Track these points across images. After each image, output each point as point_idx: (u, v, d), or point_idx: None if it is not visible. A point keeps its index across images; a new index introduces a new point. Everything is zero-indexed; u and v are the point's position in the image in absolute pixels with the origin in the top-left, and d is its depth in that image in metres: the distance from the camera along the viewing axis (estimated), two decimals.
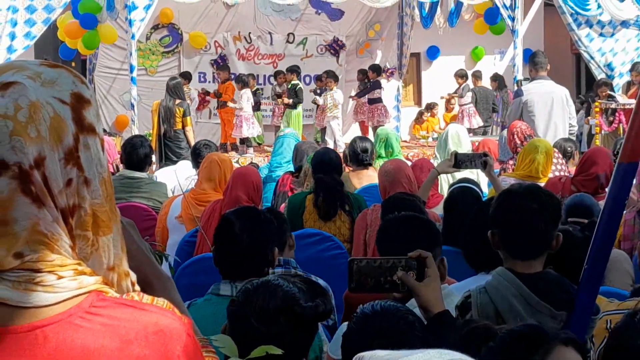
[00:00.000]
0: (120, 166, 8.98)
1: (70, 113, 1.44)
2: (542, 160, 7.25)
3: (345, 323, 2.83)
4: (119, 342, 1.40)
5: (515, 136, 8.59)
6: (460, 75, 18.92)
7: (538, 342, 2.03)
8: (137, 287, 1.58)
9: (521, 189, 3.24)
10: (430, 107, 20.55)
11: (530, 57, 11.13)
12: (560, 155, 8.52)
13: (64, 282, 1.40)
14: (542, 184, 7.01)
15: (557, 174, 7.87)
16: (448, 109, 20.34)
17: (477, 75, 19.46)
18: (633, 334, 2.33)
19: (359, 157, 8.13)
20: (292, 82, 16.87)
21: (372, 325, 2.54)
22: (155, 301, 1.48)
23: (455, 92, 19.33)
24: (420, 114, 20.57)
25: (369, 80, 17.88)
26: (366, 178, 7.84)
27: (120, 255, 1.53)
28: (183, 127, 13.41)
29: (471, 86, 19.01)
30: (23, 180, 1.38)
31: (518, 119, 10.45)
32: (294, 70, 17.12)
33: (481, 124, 18.63)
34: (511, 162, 8.66)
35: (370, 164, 8.29)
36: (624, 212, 4.85)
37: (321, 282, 4.68)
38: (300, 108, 16.75)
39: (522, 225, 3.10)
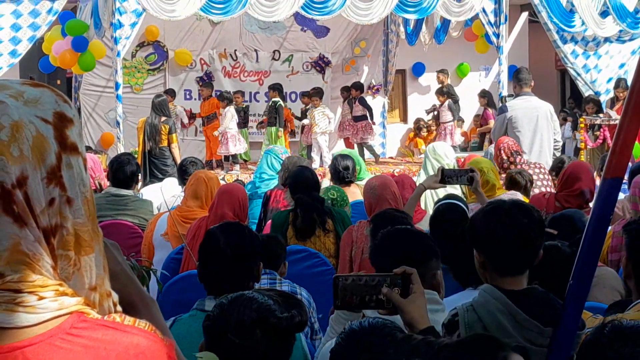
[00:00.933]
0: (104, 184, 8.96)
1: (53, 132, 1.43)
2: (492, 177, 7.36)
3: (334, 338, 2.84)
4: None
5: (502, 152, 8.63)
6: (441, 93, 18.88)
7: (494, 352, 2.02)
8: (119, 308, 1.56)
9: (507, 204, 3.22)
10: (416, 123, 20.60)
11: (514, 74, 11.17)
12: (546, 171, 8.56)
13: (45, 303, 1.39)
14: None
15: (542, 189, 7.90)
16: (429, 131, 20.34)
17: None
18: (603, 346, 2.34)
19: (340, 174, 8.21)
20: (272, 99, 16.86)
21: (359, 341, 2.53)
22: (137, 323, 1.46)
23: (432, 111, 19.32)
24: (419, 128, 20.50)
25: (353, 97, 17.90)
26: (350, 195, 7.86)
27: (102, 275, 1.52)
28: (169, 144, 13.39)
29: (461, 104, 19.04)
30: (5, 200, 1.37)
31: (503, 135, 10.51)
32: (276, 88, 17.11)
33: (462, 140, 18.67)
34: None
35: (352, 181, 8.35)
36: (610, 227, 4.86)
37: (304, 293, 4.68)
38: (279, 126, 16.72)
39: (513, 240, 3.08)
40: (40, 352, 1.37)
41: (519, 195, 7.05)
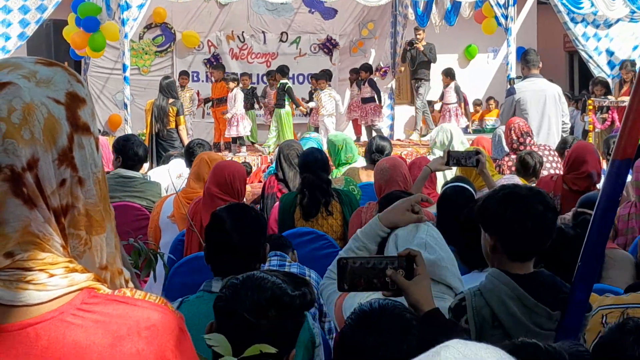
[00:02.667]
0: (111, 166, 8.95)
1: (65, 113, 1.44)
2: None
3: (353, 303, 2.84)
4: (110, 338, 1.39)
5: (512, 132, 8.58)
6: (447, 75, 18.70)
7: None
8: (131, 284, 1.58)
9: (523, 190, 3.18)
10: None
11: (522, 56, 11.13)
12: (556, 154, 8.53)
13: (55, 280, 1.40)
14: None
15: (551, 172, 7.88)
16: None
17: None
18: (622, 347, 2.33)
19: (372, 155, 8.19)
20: (281, 81, 16.83)
21: (369, 322, 2.53)
22: (147, 297, 1.47)
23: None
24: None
25: (361, 79, 17.85)
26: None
27: (114, 253, 1.53)
28: (176, 126, 13.38)
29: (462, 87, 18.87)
30: (15, 183, 1.38)
31: (511, 118, 10.48)
32: (282, 70, 17.07)
33: (466, 123, 18.57)
34: (506, 158, 8.66)
35: None
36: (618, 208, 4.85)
37: (313, 275, 4.68)
38: (288, 107, 16.66)
39: (529, 227, 3.05)
40: (52, 329, 1.38)
41: (515, 179, 7.02)
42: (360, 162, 9.04)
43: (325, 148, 9.39)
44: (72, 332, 1.38)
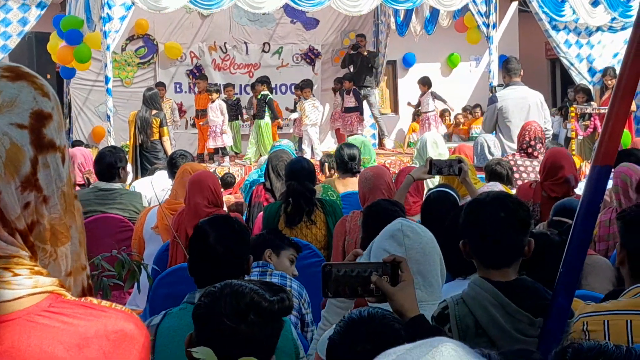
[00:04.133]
0: (92, 178, 8.92)
1: (29, 137, 1.43)
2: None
3: (334, 325, 2.84)
4: (77, 339, 1.40)
5: (527, 134, 8.48)
6: (423, 83, 18.73)
7: None
8: (91, 282, 1.60)
9: (488, 198, 3.20)
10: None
11: (503, 64, 11.16)
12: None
13: (20, 280, 1.40)
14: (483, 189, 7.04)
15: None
16: (416, 120, 20.32)
17: None
18: None
19: (347, 165, 8.13)
20: (262, 92, 16.83)
21: (358, 330, 2.53)
22: (113, 305, 1.49)
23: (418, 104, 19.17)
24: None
25: (345, 89, 17.87)
26: (351, 185, 7.82)
27: (78, 250, 1.54)
28: (160, 137, 13.36)
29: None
30: None
31: (493, 125, 10.52)
32: (264, 81, 17.06)
33: (445, 131, 18.61)
34: (510, 157, 8.57)
35: (358, 172, 8.30)
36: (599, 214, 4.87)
37: (295, 285, 4.68)
38: (267, 118, 16.64)
39: (491, 234, 3.07)
40: (17, 328, 1.38)
41: (498, 186, 7.02)
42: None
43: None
44: (38, 332, 1.38)
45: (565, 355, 2.23)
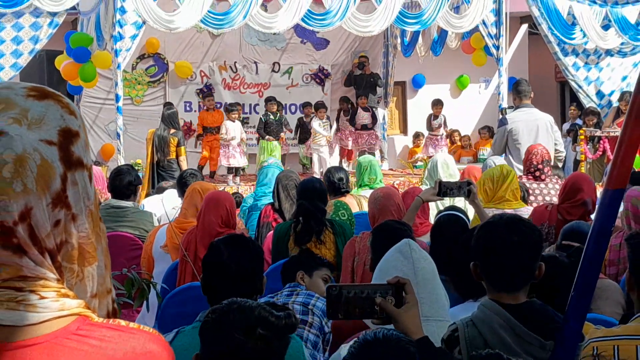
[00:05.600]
0: (105, 196, 8.95)
1: (58, 153, 1.43)
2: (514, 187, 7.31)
3: (346, 346, 2.84)
4: None
5: (534, 157, 8.46)
6: (437, 104, 19.02)
7: None
8: (116, 305, 1.59)
9: (501, 220, 3.19)
10: (416, 136, 20.67)
11: (513, 86, 11.17)
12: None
13: (46, 303, 1.39)
14: (525, 209, 7.02)
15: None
16: (416, 144, 20.41)
17: None
18: None
19: (335, 185, 8.23)
20: (278, 112, 17.04)
21: (372, 352, 2.53)
22: (141, 327, 1.48)
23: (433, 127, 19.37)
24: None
25: (361, 107, 18.15)
26: None
27: (104, 274, 1.54)
28: (177, 156, 13.38)
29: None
30: (4, 237, 1.38)
31: (503, 148, 10.51)
32: (277, 101, 17.37)
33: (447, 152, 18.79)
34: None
35: (348, 191, 8.37)
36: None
37: (319, 303, 4.66)
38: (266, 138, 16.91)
39: (502, 258, 3.07)
40: (45, 352, 1.37)
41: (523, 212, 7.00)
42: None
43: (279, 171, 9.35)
44: (66, 356, 1.38)
45: None
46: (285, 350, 2.57)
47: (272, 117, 16.96)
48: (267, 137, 16.78)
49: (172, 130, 13.43)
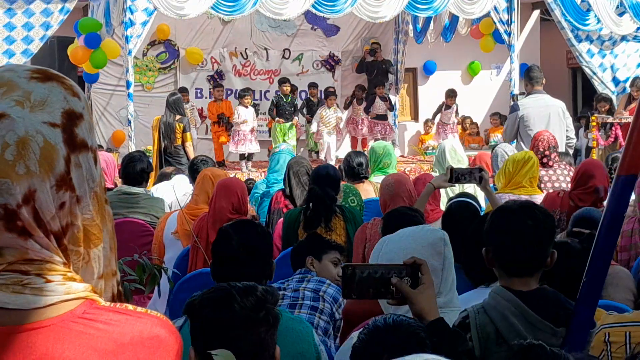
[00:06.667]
0: (115, 182, 8.96)
1: (62, 135, 1.43)
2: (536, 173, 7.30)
3: (355, 333, 2.83)
4: (112, 346, 1.39)
5: (540, 144, 8.45)
6: (451, 95, 19.04)
7: None
8: (121, 288, 1.59)
9: (515, 206, 3.20)
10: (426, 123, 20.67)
11: (525, 72, 11.12)
12: (571, 169, 8.50)
13: (52, 286, 1.39)
14: (539, 197, 7.01)
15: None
16: (426, 132, 20.42)
17: None
18: None
19: (354, 170, 8.21)
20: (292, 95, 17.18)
21: (382, 338, 2.52)
22: (149, 311, 1.48)
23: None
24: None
25: (379, 95, 18.20)
26: (362, 192, 7.85)
27: (109, 255, 1.53)
28: (183, 142, 13.40)
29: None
30: (9, 219, 1.38)
31: (515, 134, 10.48)
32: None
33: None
34: None
35: (366, 177, 8.35)
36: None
37: (330, 290, 4.64)
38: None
39: (516, 243, 3.07)
40: (51, 335, 1.37)
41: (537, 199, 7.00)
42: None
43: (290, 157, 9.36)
44: (73, 338, 1.38)
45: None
46: (274, 326, 2.57)
47: (283, 99, 16.97)
48: (277, 118, 16.80)
49: (177, 117, 13.44)
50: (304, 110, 18.28)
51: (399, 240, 3.21)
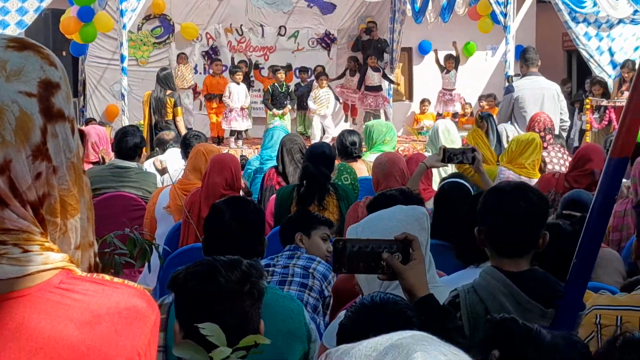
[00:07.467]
0: (108, 157, 8.94)
1: (38, 105, 1.42)
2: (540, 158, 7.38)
3: (343, 312, 2.83)
4: (89, 316, 1.39)
5: (536, 125, 8.46)
6: (448, 59, 19.20)
7: None
8: (98, 260, 1.58)
9: (509, 187, 3.20)
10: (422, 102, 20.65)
11: (521, 54, 11.11)
12: (567, 153, 8.52)
13: (30, 256, 1.39)
14: (534, 180, 7.04)
15: (563, 169, 7.86)
16: (422, 111, 20.42)
17: None
18: None
19: (347, 149, 8.19)
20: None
21: (369, 317, 2.53)
22: (125, 282, 1.47)
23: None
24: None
25: (371, 67, 18.18)
26: (356, 170, 7.84)
27: (86, 226, 1.53)
28: (174, 117, 13.37)
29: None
30: None
31: (509, 115, 10.48)
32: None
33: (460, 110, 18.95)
34: None
35: (360, 156, 8.34)
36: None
37: (320, 267, 4.64)
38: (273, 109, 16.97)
39: (509, 224, 3.07)
40: (28, 305, 1.37)
41: (513, 176, 7.07)
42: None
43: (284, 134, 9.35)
44: (49, 308, 1.38)
45: (615, 343, 2.25)
46: (259, 299, 2.59)
47: (279, 88, 16.91)
48: (273, 109, 16.74)
49: (168, 92, 13.41)
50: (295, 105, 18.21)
51: (387, 217, 3.22)
